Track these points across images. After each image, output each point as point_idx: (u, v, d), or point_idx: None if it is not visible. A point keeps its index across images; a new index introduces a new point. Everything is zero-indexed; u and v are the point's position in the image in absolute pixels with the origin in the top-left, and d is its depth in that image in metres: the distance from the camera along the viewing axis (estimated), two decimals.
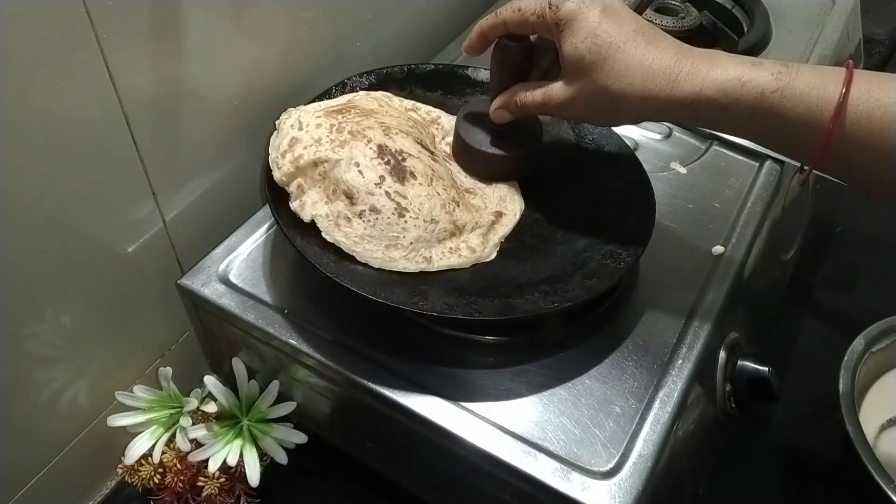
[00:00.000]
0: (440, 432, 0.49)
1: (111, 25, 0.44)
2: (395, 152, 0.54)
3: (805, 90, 0.41)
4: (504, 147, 0.57)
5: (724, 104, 0.43)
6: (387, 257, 0.52)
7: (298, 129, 0.55)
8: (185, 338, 0.63)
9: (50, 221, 0.46)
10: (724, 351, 0.58)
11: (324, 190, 0.53)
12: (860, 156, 0.41)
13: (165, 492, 0.56)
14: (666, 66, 0.44)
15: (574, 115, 0.50)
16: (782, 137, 0.43)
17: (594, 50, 0.45)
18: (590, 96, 0.46)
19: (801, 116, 0.41)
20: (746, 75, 0.42)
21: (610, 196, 0.59)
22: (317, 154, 0.53)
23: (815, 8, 0.89)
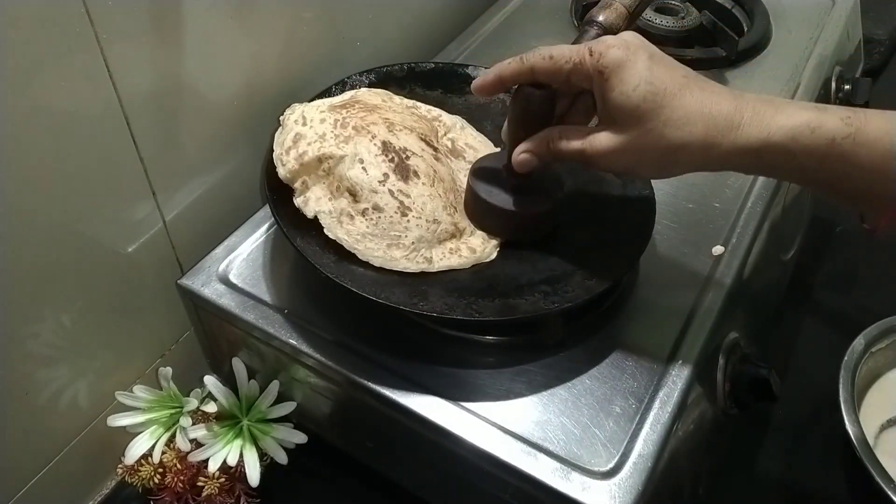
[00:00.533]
0: (440, 432, 0.49)
1: (111, 25, 0.44)
2: (398, 149, 0.53)
3: (878, 135, 0.39)
4: (528, 203, 0.53)
5: (792, 151, 0.41)
6: (388, 256, 0.51)
7: (302, 125, 0.55)
8: (185, 338, 0.63)
9: (50, 221, 0.46)
10: (724, 351, 0.58)
11: (328, 186, 0.53)
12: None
13: (165, 492, 0.56)
14: (727, 112, 0.42)
15: (620, 165, 0.46)
16: (852, 186, 0.41)
17: (649, 98, 0.42)
18: (643, 147, 0.44)
19: (874, 163, 0.39)
20: (815, 121, 0.40)
21: (610, 196, 0.59)
22: (321, 150, 0.53)
23: (816, 8, 0.89)
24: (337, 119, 0.55)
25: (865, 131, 0.40)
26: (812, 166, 0.41)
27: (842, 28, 0.86)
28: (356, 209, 0.52)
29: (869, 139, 0.40)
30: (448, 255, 0.53)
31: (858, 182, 0.41)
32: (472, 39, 0.83)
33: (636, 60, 0.43)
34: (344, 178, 0.52)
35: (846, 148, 0.40)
